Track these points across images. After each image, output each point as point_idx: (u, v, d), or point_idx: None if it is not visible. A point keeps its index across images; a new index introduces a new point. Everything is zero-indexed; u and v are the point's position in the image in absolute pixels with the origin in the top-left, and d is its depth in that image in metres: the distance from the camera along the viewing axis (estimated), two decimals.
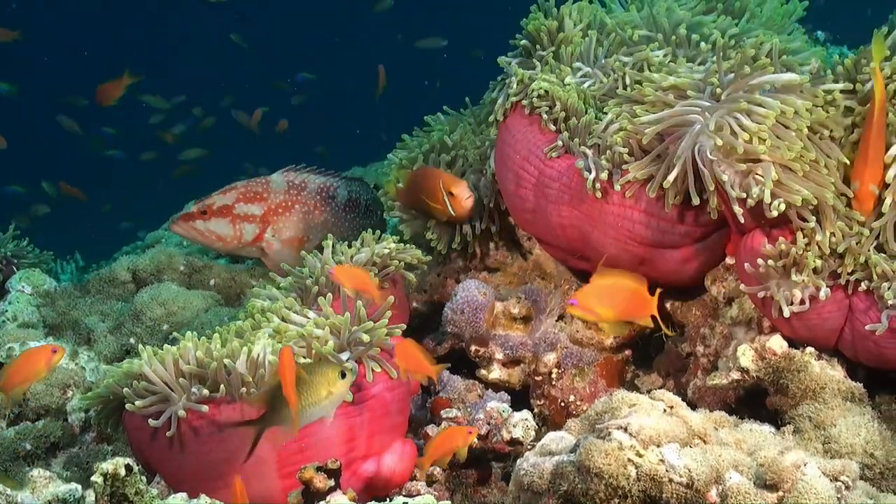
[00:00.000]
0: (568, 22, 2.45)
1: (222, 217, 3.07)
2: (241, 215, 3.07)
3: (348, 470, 2.03)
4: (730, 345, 2.20)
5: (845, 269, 1.96)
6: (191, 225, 3.08)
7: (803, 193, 1.93)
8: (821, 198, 1.95)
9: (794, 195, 1.93)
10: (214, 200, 3.08)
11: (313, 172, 3.15)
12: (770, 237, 2.04)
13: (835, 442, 1.85)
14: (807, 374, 1.98)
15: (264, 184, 3.10)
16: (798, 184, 1.95)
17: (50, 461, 2.44)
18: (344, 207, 3.13)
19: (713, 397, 2.18)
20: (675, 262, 2.24)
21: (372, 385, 2.06)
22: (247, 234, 3.07)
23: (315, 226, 3.09)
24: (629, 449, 1.61)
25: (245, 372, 1.96)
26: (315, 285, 2.28)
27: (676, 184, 2.06)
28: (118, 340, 2.86)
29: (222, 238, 3.08)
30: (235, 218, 3.07)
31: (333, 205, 3.12)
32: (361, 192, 3.20)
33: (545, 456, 1.74)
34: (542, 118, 2.30)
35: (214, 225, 3.07)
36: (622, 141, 2.13)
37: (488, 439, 2.22)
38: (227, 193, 3.09)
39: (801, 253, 1.96)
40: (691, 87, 2.10)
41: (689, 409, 1.77)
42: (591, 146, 2.21)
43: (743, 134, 1.96)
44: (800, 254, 1.96)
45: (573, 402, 2.39)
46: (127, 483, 1.53)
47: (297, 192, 3.10)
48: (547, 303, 2.49)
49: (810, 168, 1.97)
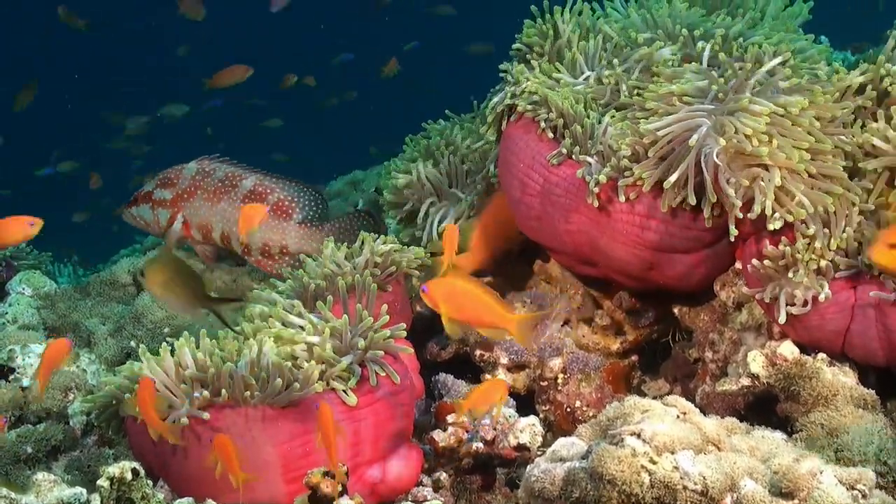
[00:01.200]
0: (563, 27, 2.44)
1: (145, 203, 3.07)
2: (157, 200, 3.06)
3: (353, 475, 2.01)
4: (739, 350, 2.19)
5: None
6: (128, 212, 3.11)
7: (805, 205, 1.94)
8: (824, 206, 1.95)
9: (796, 208, 1.94)
10: (145, 187, 3.09)
11: (231, 164, 3.08)
12: (772, 240, 2.04)
13: (847, 450, 1.83)
14: (819, 380, 1.96)
15: (179, 170, 3.07)
16: (802, 190, 1.95)
17: (51, 465, 2.42)
18: (243, 198, 3.00)
19: (722, 403, 2.16)
20: (684, 266, 2.22)
21: (376, 389, 2.05)
22: (161, 219, 3.05)
23: (216, 213, 3.02)
24: (643, 455, 1.59)
25: (247, 375, 1.95)
26: (315, 287, 2.26)
27: (678, 185, 2.05)
28: (119, 343, 2.85)
29: (148, 224, 3.08)
30: (154, 203, 3.06)
31: (233, 194, 3.01)
32: (283, 190, 3.01)
33: (556, 462, 1.72)
34: (541, 125, 2.28)
35: (140, 210, 3.08)
36: (628, 148, 2.12)
37: (494, 445, 2.20)
38: (153, 179, 3.09)
39: (801, 254, 1.95)
40: (694, 91, 2.09)
41: (702, 415, 1.75)
42: (594, 153, 2.19)
43: (745, 129, 1.95)
44: (799, 255, 1.96)
45: (579, 407, 2.37)
46: (133, 487, 1.51)
47: (202, 178, 3.03)
48: (552, 307, 2.47)
49: (816, 170, 1.98)
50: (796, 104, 2.00)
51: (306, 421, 1.97)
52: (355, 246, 2.37)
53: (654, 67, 2.26)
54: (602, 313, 2.48)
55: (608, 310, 2.48)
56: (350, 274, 2.25)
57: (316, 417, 1.85)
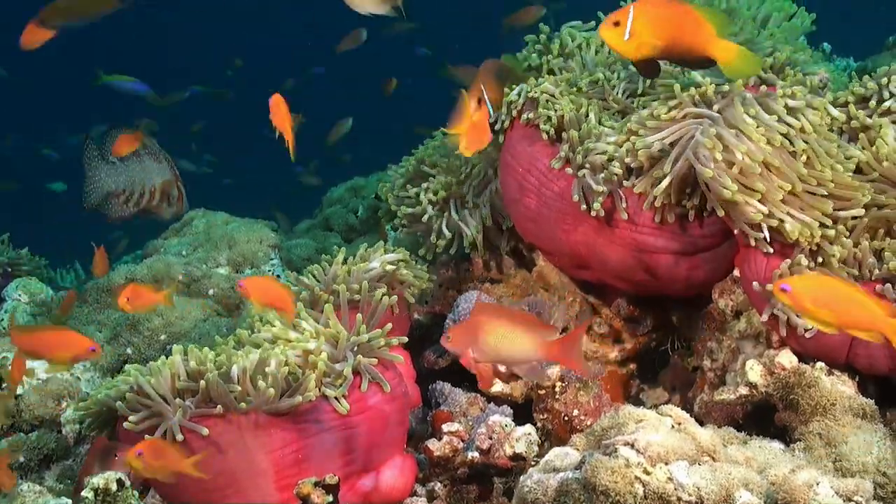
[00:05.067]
0: (566, 37, 2.48)
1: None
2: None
3: (345, 484, 1.99)
4: (737, 359, 2.16)
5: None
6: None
7: (794, 224, 1.96)
8: (811, 230, 1.96)
9: (789, 225, 1.95)
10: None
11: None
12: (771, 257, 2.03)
13: (846, 460, 1.81)
14: (817, 389, 1.93)
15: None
16: (793, 211, 1.96)
17: (43, 473, 2.40)
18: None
19: (720, 412, 2.13)
20: (678, 269, 2.21)
21: (369, 396, 2.03)
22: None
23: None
24: (636, 466, 1.56)
25: (239, 384, 1.93)
26: (324, 293, 2.26)
27: (670, 189, 2.05)
28: (115, 350, 2.83)
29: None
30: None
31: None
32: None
33: (550, 472, 1.70)
34: (541, 129, 2.28)
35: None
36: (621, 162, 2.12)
37: (490, 454, 2.18)
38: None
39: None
40: (691, 105, 2.10)
41: (698, 424, 1.73)
42: (589, 163, 2.18)
43: (739, 146, 1.95)
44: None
45: (577, 416, 2.34)
46: (119, 498, 1.50)
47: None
48: (550, 315, 2.45)
49: (806, 192, 1.99)
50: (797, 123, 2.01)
51: (299, 429, 1.96)
52: (364, 253, 2.36)
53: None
54: (600, 321, 2.46)
55: (606, 318, 2.46)
56: (357, 281, 2.24)
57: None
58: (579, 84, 2.37)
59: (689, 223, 2.14)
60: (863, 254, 1.95)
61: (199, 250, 3.39)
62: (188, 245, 3.46)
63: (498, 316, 1.88)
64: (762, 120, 2.02)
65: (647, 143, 2.08)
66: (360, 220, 4.12)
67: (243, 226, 3.57)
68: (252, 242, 3.41)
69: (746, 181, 1.97)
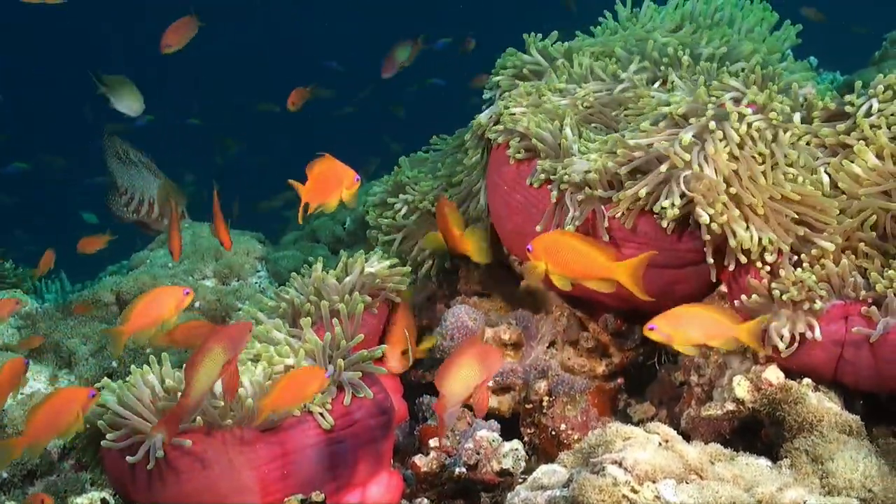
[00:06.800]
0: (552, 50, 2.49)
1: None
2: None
3: (332, 500, 1.98)
4: (724, 374, 2.16)
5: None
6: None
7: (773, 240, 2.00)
8: (782, 246, 2.01)
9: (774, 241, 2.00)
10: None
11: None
12: (755, 272, 2.07)
13: (832, 476, 1.80)
14: (804, 406, 1.93)
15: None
16: (764, 228, 2.01)
17: (27, 489, 2.38)
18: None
19: (707, 428, 2.13)
20: (663, 283, 2.20)
21: (354, 411, 2.02)
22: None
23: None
24: (624, 485, 1.55)
25: (221, 400, 1.92)
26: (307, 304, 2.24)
27: (639, 199, 2.09)
28: (100, 364, 2.81)
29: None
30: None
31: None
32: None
33: (537, 490, 1.69)
34: (514, 147, 2.30)
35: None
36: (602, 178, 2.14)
37: (477, 469, 2.17)
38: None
39: (789, 290, 1.98)
40: (667, 126, 2.13)
41: (685, 441, 1.72)
42: (568, 177, 2.19)
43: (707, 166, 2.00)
44: (784, 289, 1.98)
45: (564, 430, 2.34)
46: None
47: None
48: (538, 329, 2.45)
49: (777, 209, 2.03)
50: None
51: (284, 444, 1.94)
52: (345, 263, 2.35)
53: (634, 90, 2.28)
54: (588, 335, 2.46)
55: (594, 332, 2.46)
56: (338, 293, 2.23)
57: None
58: (552, 95, 2.38)
59: (674, 237, 2.14)
60: (843, 272, 1.97)
61: (186, 262, 3.38)
62: None
63: (576, 236, 2.06)
64: (731, 139, 2.04)
65: (628, 152, 2.09)
66: (347, 232, 4.12)
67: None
68: (238, 254, 3.39)
69: (714, 198, 2.00)
